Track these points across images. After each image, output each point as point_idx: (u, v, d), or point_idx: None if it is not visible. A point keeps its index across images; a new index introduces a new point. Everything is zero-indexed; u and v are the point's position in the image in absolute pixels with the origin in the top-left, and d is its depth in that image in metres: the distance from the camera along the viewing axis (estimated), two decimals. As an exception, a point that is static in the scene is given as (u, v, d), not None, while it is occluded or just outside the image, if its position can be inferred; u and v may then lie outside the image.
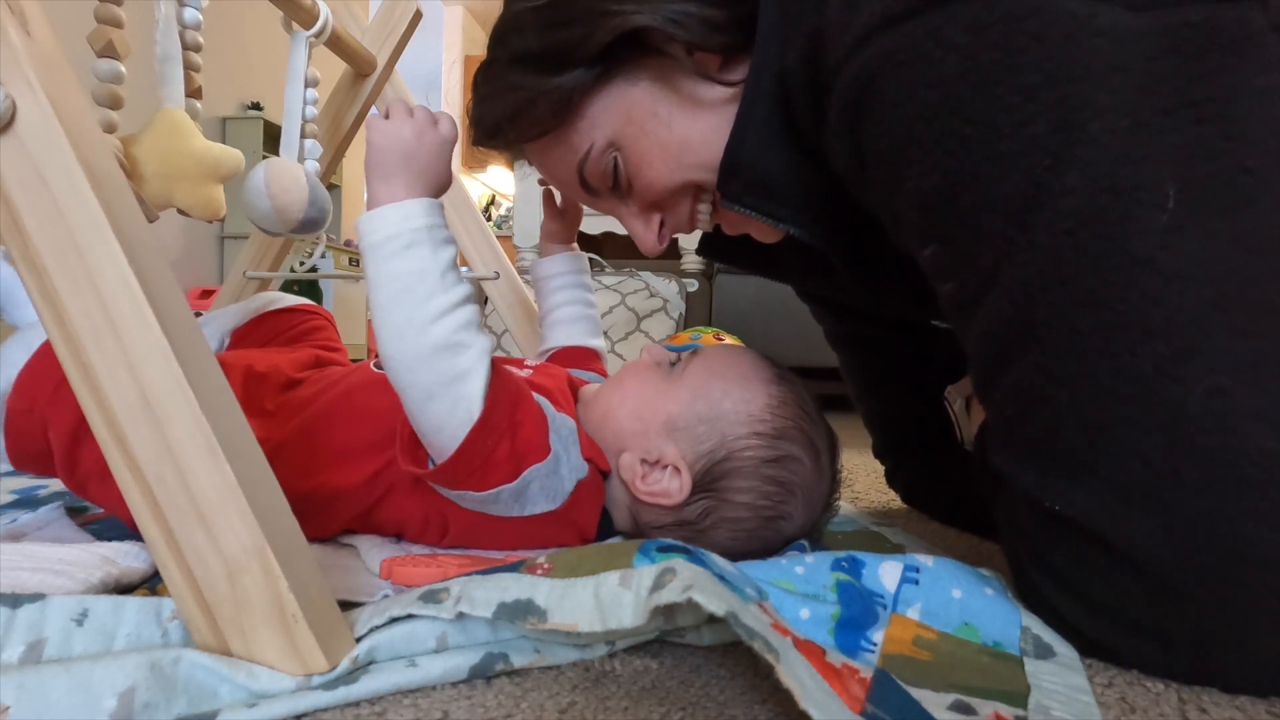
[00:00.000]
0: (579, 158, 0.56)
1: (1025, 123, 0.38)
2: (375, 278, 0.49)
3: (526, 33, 0.53)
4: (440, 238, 0.50)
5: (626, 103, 0.54)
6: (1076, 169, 0.37)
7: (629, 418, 0.57)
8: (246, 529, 0.35)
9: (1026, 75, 0.38)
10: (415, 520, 0.57)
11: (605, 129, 0.55)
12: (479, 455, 0.49)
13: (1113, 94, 0.37)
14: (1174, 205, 0.36)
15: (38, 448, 0.54)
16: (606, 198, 0.60)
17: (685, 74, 0.53)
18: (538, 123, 0.55)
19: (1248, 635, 0.37)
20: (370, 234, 0.49)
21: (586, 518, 0.56)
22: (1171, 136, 0.36)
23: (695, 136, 0.54)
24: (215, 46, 2.96)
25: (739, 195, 0.54)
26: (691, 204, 0.60)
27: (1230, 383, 0.36)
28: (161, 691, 0.33)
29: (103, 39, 0.60)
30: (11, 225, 0.36)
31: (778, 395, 0.55)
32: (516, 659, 0.39)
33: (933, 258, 0.45)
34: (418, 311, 0.48)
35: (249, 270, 1.07)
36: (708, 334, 1.79)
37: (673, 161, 0.55)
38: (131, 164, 0.63)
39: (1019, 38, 0.38)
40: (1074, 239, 0.38)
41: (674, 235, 0.63)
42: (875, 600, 0.46)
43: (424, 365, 0.48)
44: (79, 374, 0.36)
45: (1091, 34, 0.37)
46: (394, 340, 0.48)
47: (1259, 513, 0.36)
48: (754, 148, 0.52)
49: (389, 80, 1.00)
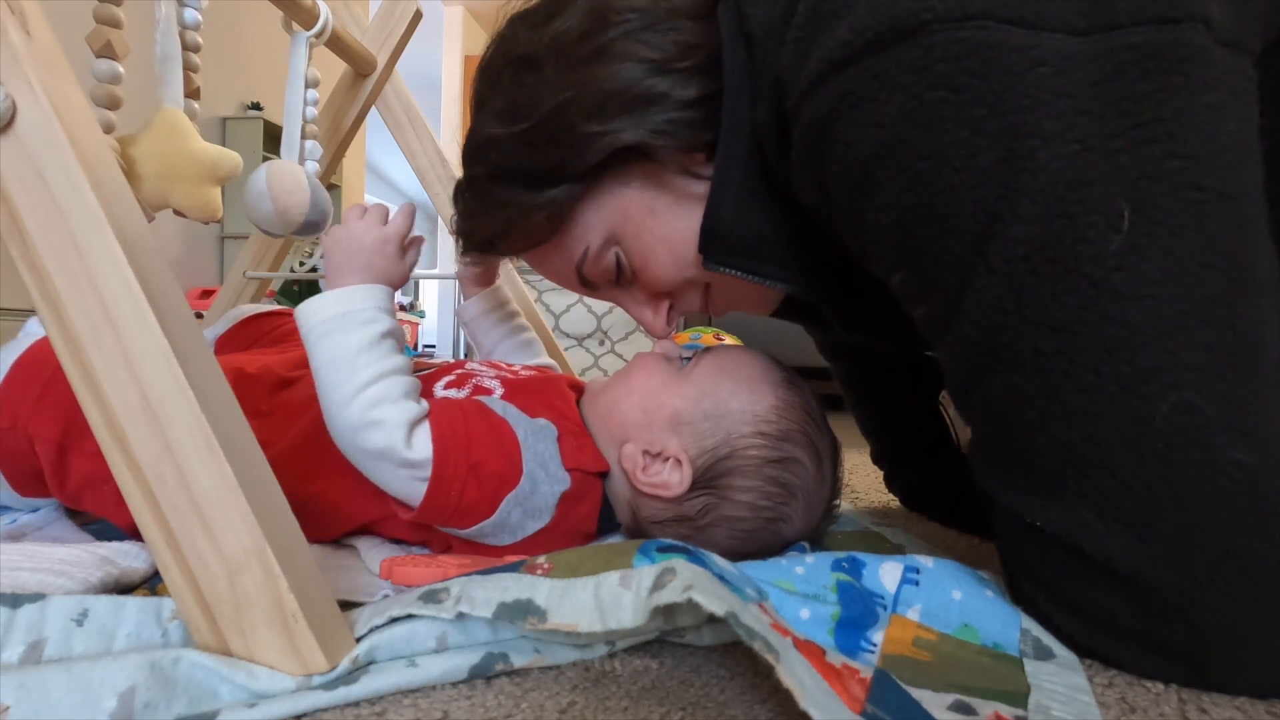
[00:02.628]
0: (577, 260, 0.57)
1: (974, 155, 0.38)
2: (305, 332, 0.51)
3: (506, 152, 0.54)
4: (360, 320, 0.51)
5: (622, 203, 0.55)
6: (1027, 197, 0.38)
7: (634, 410, 0.57)
8: (246, 529, 0.35)
9: (971, 109, 0.38)
10: (417, 539, 0.58)
11: (602, 230, 0.56)
12: (447, 506, 0.50)
13: (1058, 120, 0.37)
14: (1128, 226, 0.36)
15: (31, 465, 0.54)
16: (608, 290, 0.60)
17: (672, 173, 0.54)
18: (532, 233, 0.56)
19: (1241, 642, 0.38)
20: (300, 328, 0.52)
21: (583, 521, 0.56)
22: (1121, 158, 0.36)
23: (692, 230, 0.54)
24: (215, 46, 2.96)
25: (723, 258, 0.54)
26: (702, 293, 0.61)
27: (1197, 398, 0.36)
28: (161, 691, 0.33)
29: (101, 39, 0.60)
30: (11, 225, 0.36)
31: (784, 398, 0.55)
32: (516, 659, 0.39)
33: (901, 285, 0.46)
34: (334, 396, 0.49)
35: (249, 270, 1.07)
36: (708, 334, 1.79)
37: (678, 257, 0.56)
38: (129, 164, 0.63)
39: (961, 76, 0.38)
40: (1030, 264, 0.38)
41: (683, 316, 0.64)
42: (875, 601, 0.46)
43: (351, 446, 0.50)
44: (79, 374, 0.36)
45: (1033, 64, 0.37)
46: (330, 419, 0.50)
47: (1236, 524, 0.36)
48: (733, 210, 0.52)
49: (389, 80, 1.00)
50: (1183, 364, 0.36)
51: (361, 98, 0.97)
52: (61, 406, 0.52)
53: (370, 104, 0.99)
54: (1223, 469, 0.36)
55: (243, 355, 0.69)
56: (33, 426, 0.53)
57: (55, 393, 0.52)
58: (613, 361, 2.12)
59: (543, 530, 0.54)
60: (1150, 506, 0.37)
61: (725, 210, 0.52)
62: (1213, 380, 0.36)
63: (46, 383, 0.53)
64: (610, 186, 0.54)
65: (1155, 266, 0.36)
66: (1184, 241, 0.36)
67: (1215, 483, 0.36)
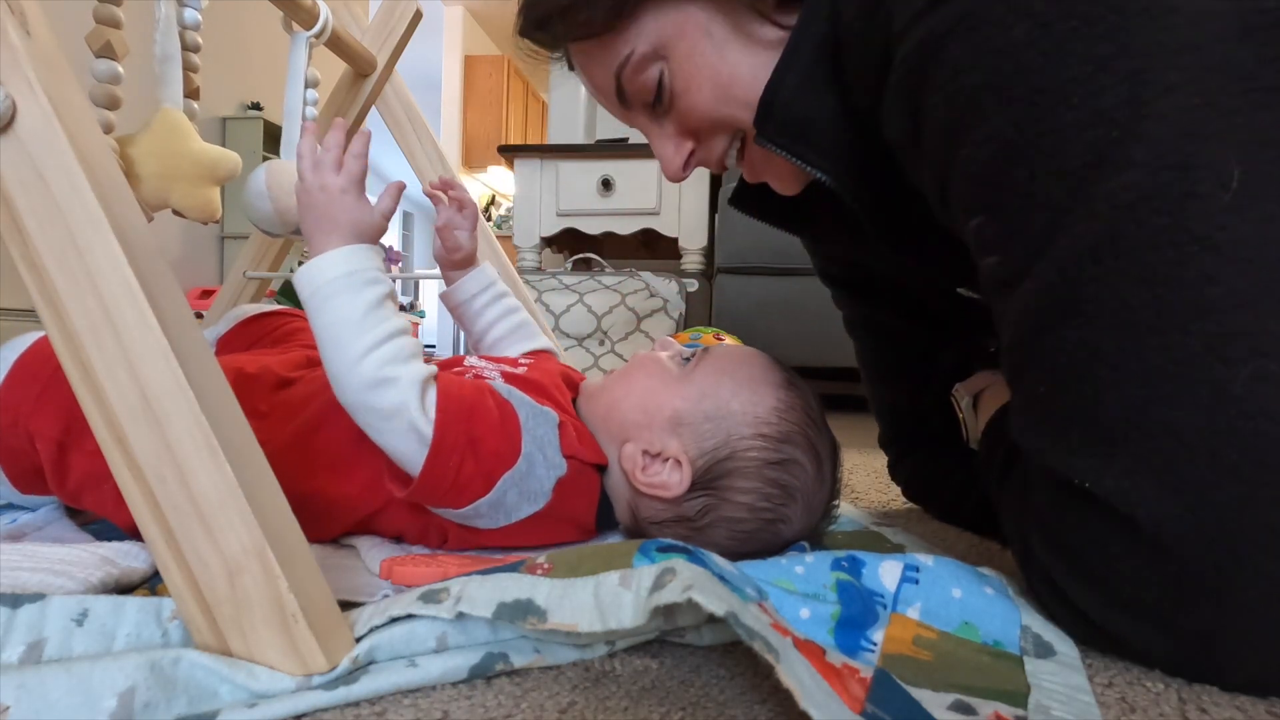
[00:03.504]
0: (619, 63, 0.55)
1: (1095, 94, 0.38)
2: (313, 330, 0.51)
3: None
4: (361, 280, 0.51)
5: (682, 16, 0.53)
6: (1143, 143, 0.37)
7: (634, 410, 0.57)
8: (246, 529, 0.35)
9: (1100, 46, 0.38)
10: (414, 529, 0.58)
11: (654, 39, 0.54)
12: (445, 477, 0.50)
13: (1183, 71, 0.37)
14: (1237, 186, 0.36)
15: (31, 463, 0.54)
16: (640, 113, 0.59)
17: (741, 6, 0.52)
18: (589, 22, 0.54)
19: (1259, 629, 0.37)
20: (300, 292, 0.51)
21: (579, 511, 0.56)
22: (1237, 119, 0.37)
23: (745, 70, 0.53)
24: (215, 46, 2.95)
25: (773, 134, 0.53)
26: (727, 143, 0.59)
27: (1276, 368, 0.35)
28: (161, 691, 0.33)
29: (101, 39, 0.60)
30: (11, 225, 0.36)
31: (785, 400, 0.55)
32: (516, 659, 0.39)
33: (979, 229, 0.44)
34: (343, 356, 0.49)
35: (249, 270, 1.07)
36: (708, 334, 1.79)
37: (721, 92, 0.55)
38: (128, 164, 0.63)
39: (1096, 7, 0.38)
40: (1134, 213, 0.37)
41: (699, 167, 0.62)
42: (875, 600, 0.46)
43: (362, 405, 0.49)
44: (79, 374, 0.36)
45: (1167, 10, 0.37)
46: (335, 386, 0.50)
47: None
48: (794, 89, 0.52)
49: (389, 80, 1.01)
50: (1269, 332, 0.36)
51: (361, 98, 0.97)
52: (62, 405, 0.52)
53: (370, 104, 0.99)
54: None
55: (243, 355, 0.69)
56: (33, 424, 0.53)
57: (56, 391, 0.52)
58: (613, 361, 2.12)
59: (537, 515, 0.54)
60: (1211, 475, 0.36)
61: (788, 86, 0.52)
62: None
63: (47, 381, 0.53)
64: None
65: (1256, 230, 0.36)
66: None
67: (1278, 457, 0.35)
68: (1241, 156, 0.36)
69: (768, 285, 2.04)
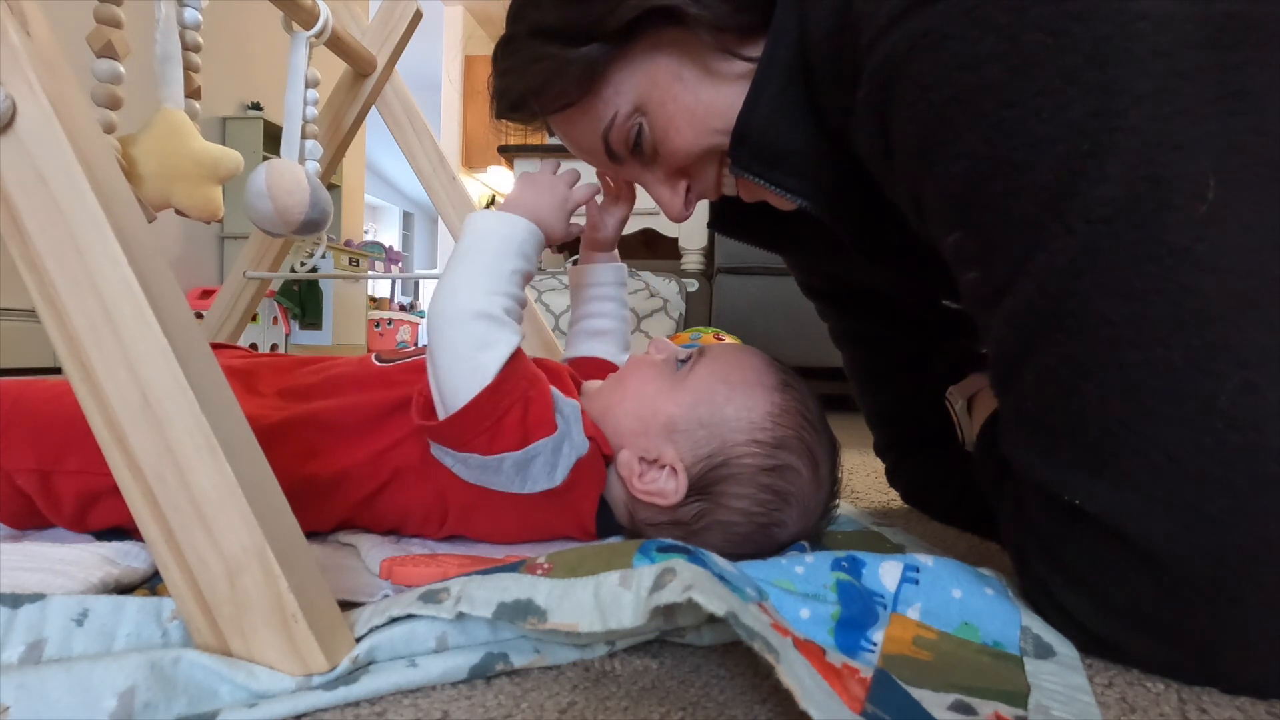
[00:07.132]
0: (604, 126, 0.56)
1: (1064, 107, 0.37)
2: (467, 233, 0.56)
3: (544, 8, 0.54)
4: (528, 252, 0.57)
5: (651, 69, 0.54)
6: (1116, 156, 0.37)
7: (629, 416, 0.57)
8: (246, 529, 0.35)
9: (1068, 57, 0.37)
10: (418, 507, 0.57)
11: (630, 96, 0.55)
12: (489, 416, 0.51)
13: (1153, 79, 0.36)
14: (1213, 196, 0.36)
15: (21, 503, 0.53)
16: (630, 164, 0.60)
17: (706, 48, 0.53)
18: (563, 94, 0.55)
19: (1257, 637, 0.37)
20: (470, 221, 0.57)
21: (585, 502, 0.56)
22: (1210, 125, 0.36)
23: (720, 102, 0.54)
24: (215, 46, 2.96)
25: (748, 163, 0.54)
26: (717, 170, 0.60)
27: (1261, 379, 0.35)
28: (161, 691, 0.33)
29: (102, 39, 0.60)
30: (11, 225, 0.36)
31: (780, 403, 0.55)
32: (516, 659, 0.39)
33: (957, 245, 0.44)
34: (479, 277, 0.54)
35: (249, 270, 1.07)
36: (708, 334, 1.79)
37: (698, 126, 0.55)
38: (130, 164, 0.63)
39: (1061, 19, 0.37)
40: (1111, 227, 0.37)
41: (700, 200, 0.63)
42: (875, 600, 0.46)
43: (461, 326, 0.52)
44: (79, 374, 0.36)
45: (1134, 17, 0.36)
46: (448, 296, 0.53)
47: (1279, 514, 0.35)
48: (765, 116, 0.52)
49: (389, 80, 1.01)
50: (1251, 343, 0.35)
51: (361, 98, 0.97)
52: (26, 435, 0.52)
53: (370, 104, 0.99)
54: (1276, 455, 0.35)
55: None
56: (5, 463, 0.52)
57: (16, 425, 0.52)
58: (613, 361, 2.12)
59: (544, 498, 0.54)
60: (1199, 488, 0.36)
61: (759, 114, 0.52)
62: (1276, 362, 0.35)
63: (5, 417, 0.52)
64: (643, 51, 0.54)
65: (1234, 240, 0.36)
66: (1261, 218, 0.36)
67: (1267, 468, 0.35)
68: (1216, 165, 0.36)
69: (767, 285, 2.04)
